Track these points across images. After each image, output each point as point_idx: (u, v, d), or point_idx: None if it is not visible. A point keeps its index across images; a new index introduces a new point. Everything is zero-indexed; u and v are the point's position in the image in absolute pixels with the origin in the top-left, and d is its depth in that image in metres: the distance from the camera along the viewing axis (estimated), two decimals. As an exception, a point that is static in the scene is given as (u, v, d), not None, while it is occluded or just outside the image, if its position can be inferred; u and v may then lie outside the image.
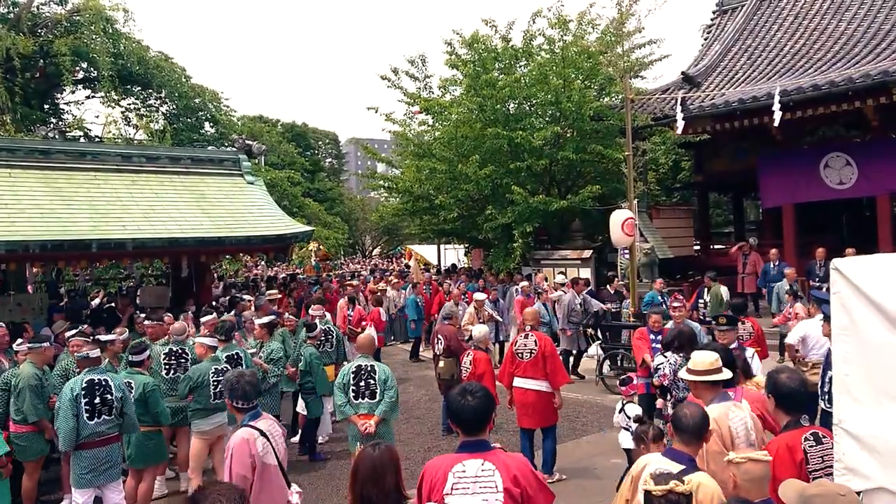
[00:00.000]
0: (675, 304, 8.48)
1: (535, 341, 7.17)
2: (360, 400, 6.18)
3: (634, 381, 7.17)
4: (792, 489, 2.79)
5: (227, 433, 6.98)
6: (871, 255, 3.43)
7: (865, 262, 3.24)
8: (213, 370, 6.74)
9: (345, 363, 7.89)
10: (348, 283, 18.12)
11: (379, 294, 14.90)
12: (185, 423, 7.05)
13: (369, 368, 6.24)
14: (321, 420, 8.77)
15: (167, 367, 7.53)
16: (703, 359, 4.26)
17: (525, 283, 13.76)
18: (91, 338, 7.04)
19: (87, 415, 5.78)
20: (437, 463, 3.19)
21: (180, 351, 7.64)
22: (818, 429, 3.71)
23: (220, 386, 6.67)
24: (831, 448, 3.38)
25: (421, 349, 14.80)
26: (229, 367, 6.97)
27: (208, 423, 6.68)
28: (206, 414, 6.66)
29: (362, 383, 6.20)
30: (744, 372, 5.28)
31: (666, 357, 6.13)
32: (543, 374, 7.05)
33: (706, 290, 12.20)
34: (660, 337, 7.77)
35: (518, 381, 7.16)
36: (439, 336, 9.39)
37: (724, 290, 12.11)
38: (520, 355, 7.21)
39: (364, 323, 12.26)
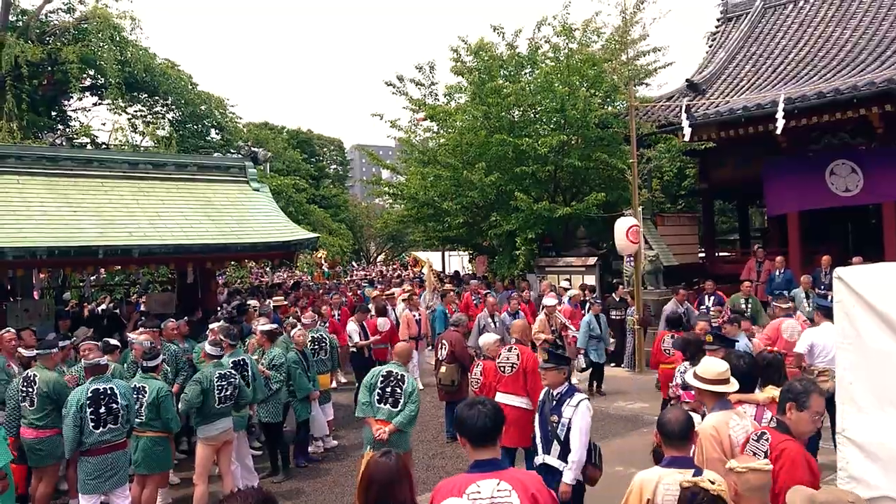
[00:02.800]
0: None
1: (518, 355, 6.92)
2: (381, 405, 6.19)
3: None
4: (800, 496, 2.80)
5: (233, 438, 7.02)
6: (874, 264, 3.44)
7: (868, 271, 3.26)
8: (218, 375, 6.74)
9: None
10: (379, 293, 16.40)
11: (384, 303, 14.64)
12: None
13: (399, 377, 6.26)
14: (315, 421, 8.70)
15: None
16: (713, 367, 4.25)
17: (576, 292, 13.22)
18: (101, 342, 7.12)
19: (93, 424, 5.83)
20: (449, 484, 3.06)
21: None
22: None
23: (224, 391, 6.72)
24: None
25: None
26: (234, 373, 6.99)
27: (213, 428, 6.70)
28: (210, 420, 6.68)
29: (388, 389, 6.21)
30: None
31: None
32: (524, 390, 6.79)
33: (707, 297, 12.15)
34: None
35: (498, 397, 6.84)
36: (444, 341, 9.37)
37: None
38: (501, 369, 6.97)
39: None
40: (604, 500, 6.55)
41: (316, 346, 9.12)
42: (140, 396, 6.43)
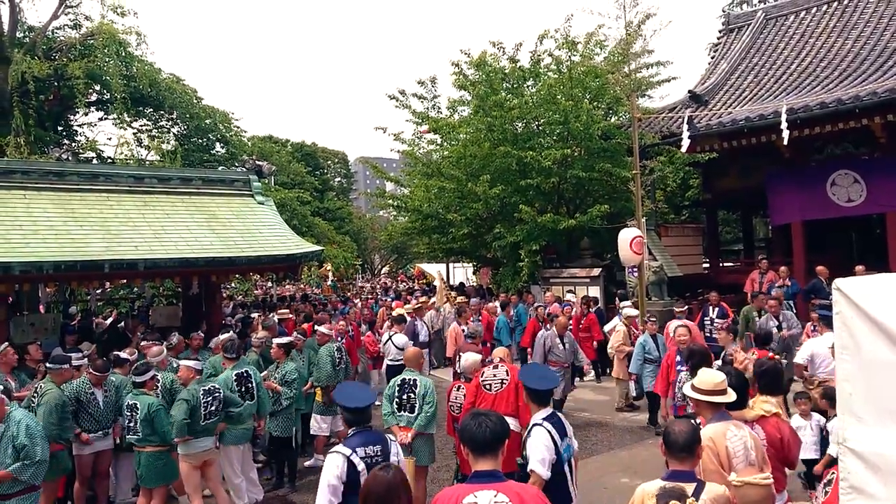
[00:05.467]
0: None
1: (507, 371, 6.50)
2: (401, 412, 6.42)
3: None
4: None
5: (216, 458, 6.88)
6: (873, 275, 3.46)
7: (867, 282, 3.26)
8: (203, 391, 6.64)
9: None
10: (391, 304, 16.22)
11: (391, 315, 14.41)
12: None
13: (411, 382, 6.47)
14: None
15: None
16: (710, 378, 4.24)
17: (626, 302, 12.42)
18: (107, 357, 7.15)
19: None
20: (447, 494, 3.07)
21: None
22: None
23: (210, 407, 6.66)
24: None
25: None
26: (217, 387, 6.84)
27: (195, 446, 6.56)
28: (194, 437, 6.53)
29: (405, 396, 6.45)
30: None
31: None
32: (514, 408, 6.31)
33: (711, 307, 12.09)
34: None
35: None
36: (461, 354, 9.33)
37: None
38: (487, 387, 6.43)
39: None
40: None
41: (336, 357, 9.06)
42: (133, 413, 6.46)
